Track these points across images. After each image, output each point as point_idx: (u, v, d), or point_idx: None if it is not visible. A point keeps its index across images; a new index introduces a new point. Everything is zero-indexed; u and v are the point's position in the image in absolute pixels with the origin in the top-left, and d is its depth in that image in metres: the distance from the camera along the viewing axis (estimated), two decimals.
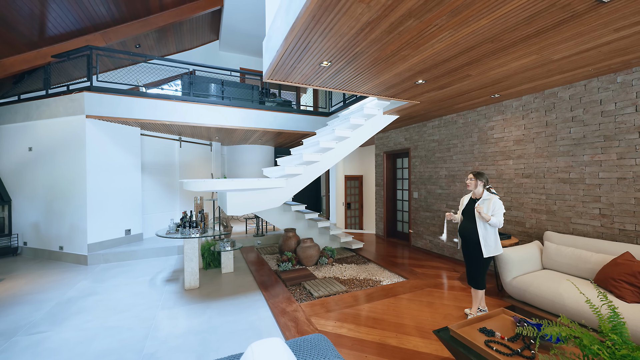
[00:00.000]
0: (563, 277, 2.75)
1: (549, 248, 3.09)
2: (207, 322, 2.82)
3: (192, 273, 3.67)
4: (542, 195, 3.51)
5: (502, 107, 3.97)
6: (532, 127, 3.62)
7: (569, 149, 3.27)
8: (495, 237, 2.70)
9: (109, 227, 5.07)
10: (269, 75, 2.91)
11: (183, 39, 7.43)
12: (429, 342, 2.45)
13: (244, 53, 8.64)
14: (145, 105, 4.96)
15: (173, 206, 6.50)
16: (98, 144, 4.92)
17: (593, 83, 3.05)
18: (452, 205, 4.75)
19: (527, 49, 2.36)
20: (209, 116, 5.43)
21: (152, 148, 6.10)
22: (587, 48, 2.36)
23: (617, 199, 2.88)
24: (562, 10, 1.80)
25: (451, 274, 4.11)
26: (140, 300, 3.33)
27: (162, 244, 5.30)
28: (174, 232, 3.88)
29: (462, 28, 2.01)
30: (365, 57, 2.48)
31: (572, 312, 2.42)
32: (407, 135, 5.77)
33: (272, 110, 5.96)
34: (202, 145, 7.37)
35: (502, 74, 2.92)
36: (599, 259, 2.67)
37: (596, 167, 3.04)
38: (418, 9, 1.78)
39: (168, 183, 6.39)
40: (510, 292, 2.92)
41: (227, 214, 3.40)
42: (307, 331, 2.61)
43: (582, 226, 3.15)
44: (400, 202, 6.39)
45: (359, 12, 1.81)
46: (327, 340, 1.76)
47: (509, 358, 1.69)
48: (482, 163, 4.26)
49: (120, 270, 4.40)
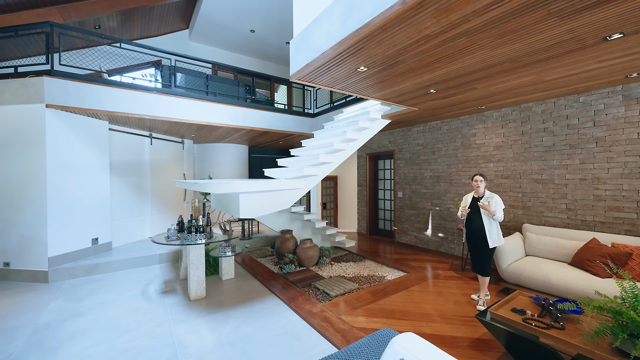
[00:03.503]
0: (546, 262, 3.31)
1: (530, 238, 3.67)
2: (236, 332, 2.67)
3: (198, 282, 3.39)
4: (519, 193, 4.13)
5: (483, 117, 4.55)
6: (510, 135, 4.23)
7: (541, 155, 3.92)
8: (498, 230, 3.12)
9: (74, 237, 4.34)
10: (298, 75, 2.88)
11: (150, 24, 6.69)
12: (456, 328, 2.72)
13: (217, 46, 8.14)
14: (121, 96, 4.37)
15: (143, 210, 5.82)
16: (61, 138, 4.17)
17: (561, 101, 3.73)
18: (437, 203, 5.25)
19: (531, 70, 2.79)
20: (194, 112, 5.03)
21: (121, 145, 5.38)
22: (572, 73, 2.89)
23: (579, 195, 3.57)
24: (576, 42, 2.21)
25: (442, 265, 4.55)
26: (143, 317, 2.97)
27: (140, 253, 4.74)
28: (175, 239, 3.53)
29: (497, 48, 2.30)
30: (402, 65, 2.64)
31: (560, 289, 2.94)
32: (392, 138, 6.15)
33: (260, 109, 5.78)
34: (174, 143, 6.74)
35: (499, 89, 3.38)
36: (573, 245, 3.29)
37: (563, 170, 3.71)
38: (475, 29, 2.00)
39: (138, 184, 5.71)
40: (506, 277, 3.39)
41: (240, 217, 3.24)
42: (345, 329, 2.66)
43: (552, 218, 3.81)
44: (382, 201, 6.77)
45: (426, 25, 1.96)
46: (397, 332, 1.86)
47: (547, 331, 2.01)
48: (465, 165, 4.80)
49: (98, 286, 3.82)
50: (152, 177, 6.00)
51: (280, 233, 4.94)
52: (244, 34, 7.45)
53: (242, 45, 8.07)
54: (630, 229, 3.20)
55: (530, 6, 1.73)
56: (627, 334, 1.68)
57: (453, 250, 5.01)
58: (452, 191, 4.98)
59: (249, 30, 7.28)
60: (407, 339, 1.22)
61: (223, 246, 4.01)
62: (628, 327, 1.70)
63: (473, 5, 1.72)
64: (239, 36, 7.57)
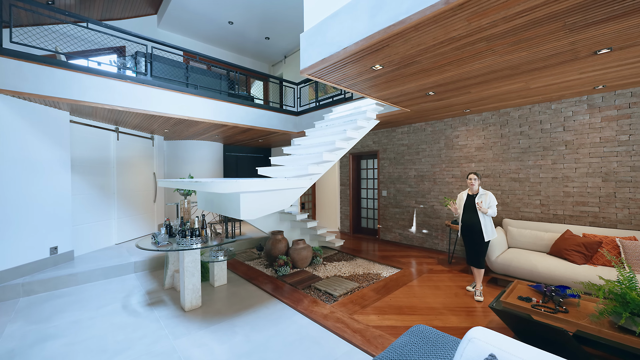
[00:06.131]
0: (528, 253, 3.65)
1: (512, 232, 4.02)
2: (247, 342, 2.49)
3: (194, 290, 3.10)
4: (498, 191, 4.50)
5: (465, 120, 4.87)
6: (490, 138, 4.59)
7: (518, 156, 4.31)
8: (492, 224, 3.36)
9: (28, 246, 3.69)
10: (311, 70, 2.78)
11: (114, 5, 5.96)
12: (463, 318, 2.86)
13: (190, 36, 7.56)
14: (89, 83, 3.82)
15: (109, 214, 5.17)
16: (12, 130, 3.52)
17: (536, 107, 4.14)
18: (421, 201, 5.49)
19: (525, 77, 3.05)
20: (173, 105, 4.60)
21: (83, 139, 4.72)
22: (555, 82, 3.22)
23: (551, 192, 4.01)
24: (573, 53, 2.46)
25: (430, 260, 4.76)
26: (134, 334, 2.62)
27: (111, 262, 4.20)
28: (166, 244, 3.18)
29: (506, 55, 2.47)
30: (416, 66, 2.70)
31: (545, 276, 3.25)
32: (376, 138, 6.30)
33: (245, 105, 5.50)
34: (143, 139, 6.11)
35: (489, 94, 3.64)
36: (550, 237, 3.67)
37: (537, 170, 4.13)
38: (497, 34, 2.11)
39: (103, 184, 5.05)
40: (495, 268, 3.66)
41: (241, 218, 3.04)
42: (362, 329, 2.64)
43: (527, 213, 4.22)
44: (365, 200, 6.90)
45: (455, 27, 2.02)
46: (430, 327, 1.88)
47: (555, 315, 2.21)
48: (448, 165, 5.10)
49: (65, 302, 3.29)
50: (119, 176, 5.37)
51: (271, 234, 4.75)
52: (222, 25, 7.04)
53: (217, 36, 7.62)
54: (594, 220, 3.67)
55: (552, 17, 1.88)
56: (628, 312, 1.91)
57: (437, 245, 5.28)
58: (436, 189, 5.25)
59: (227, 21, 6.89)
60: (485, 334, 1.23)
61: (214, 250, 3.73)
62: (629, 306, 1.93)
63: (506, 11, 1.82)
64: (215, 27, 7.13)
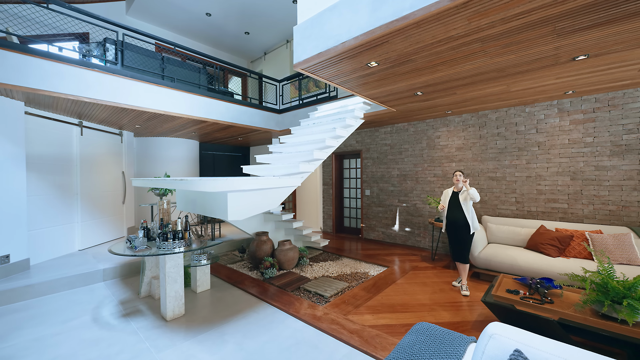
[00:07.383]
0: (507, 247, 3.84)
1: (491, 228, 4.21)
2: (241, 350, 2.34)
3: (176, 298, 2.87)
4: (477, 189, 4.71)
5: (447, 121, 5.04)
6: (470, 138, 4.79)
7: (495, 156, 4.54)
8: (475, 216, 3.47)
9: None
10: (306, 64, 2.69)
11: None
12: (454, 313, 2.93)
13: (163, 26, 7.08)
14: (50, 70, 3.41)
15: (71, 217, 4.67)
16: None
17: (511, 110, 4.39)
18: (404, 200, 5.60)
19: (508, 80, 3.19)
20: (147, 98, 4.25)
21: (41, 134, 4.21)
22: (533, 86, 3.42)
23: (525, 190, 4.26)
24: (554, 59, 2.61)
25: (413, 257, 4.86)
26: (110, 349, 2.36)
27: (75, 270, 3.78)
28: (144, 248, 2.91)
29: (496, 57, 2.56)
30: (410, 64, 2.72)
31: (524, 269, 3.43)
32: (359, 138, 6.33)
33: (226, 101, 5.25)
34: (111, 135, 5.61)
35: (473, 96, 3.78)
36: (526, 232, 3.90)
37: (513, 169, 4.37)
38: (492, 36, 2.17)
39: (64, 184, 4.55)
40: (478, 263, 3.81)
41: (228, 219, 2.87)
42: (358, 329, 2.60)
43: (504, 210, 4.45)
44: (348, 199, 6.91)
45: (455, 26, 2.04)
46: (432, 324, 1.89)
47: (543, 305, 2.32)
48: (430, 165, 5.25)
49: (22, 318, 2.89)
50: (83, 175, 4.87)
51: (255, 235, 4.57)
52: (199, 16, 6.68)
53: (193, 28, 7.22)
54: (563, 216, 3.96)
55: (545, 21, 1.96)
56: (609, 300, 2.06)
57: (419, 243, 5.42)
58: (419, 188, 5.39)
59: (205, 12, 6.55)
60: (505, 329, 1.23)
61: (197, 253, 3.50)
62: (609, 294, 2.08)
63: (505, 12, 1.86)
64: (191, 18, 6.75)
